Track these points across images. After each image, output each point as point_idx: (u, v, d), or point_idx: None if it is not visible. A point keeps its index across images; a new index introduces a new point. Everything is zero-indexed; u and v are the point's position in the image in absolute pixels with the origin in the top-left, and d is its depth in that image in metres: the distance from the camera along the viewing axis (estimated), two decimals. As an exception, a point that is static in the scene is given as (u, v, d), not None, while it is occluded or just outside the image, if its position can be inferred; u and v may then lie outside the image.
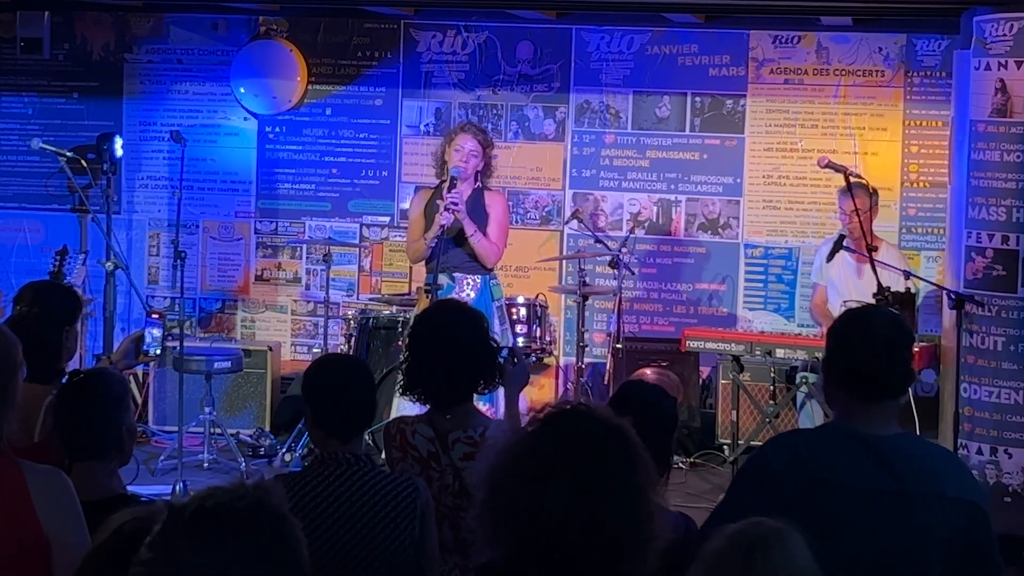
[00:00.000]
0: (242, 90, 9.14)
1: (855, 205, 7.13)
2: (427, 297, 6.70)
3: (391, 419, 4.13)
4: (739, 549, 2.15)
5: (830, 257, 7.40)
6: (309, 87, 9.19)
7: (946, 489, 3.09)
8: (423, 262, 7.01)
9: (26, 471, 3.06)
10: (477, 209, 6.94)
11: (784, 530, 2.21)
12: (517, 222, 8.97)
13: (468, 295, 6.87)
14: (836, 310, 7.66)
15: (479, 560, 2.41)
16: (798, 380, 7.51)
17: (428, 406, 3.93)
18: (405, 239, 7.78)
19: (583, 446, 2.30)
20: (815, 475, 3.08)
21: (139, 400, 8.59)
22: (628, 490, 2.29)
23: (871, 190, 7.56)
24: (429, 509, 3.69)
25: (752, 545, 2.15)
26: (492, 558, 2.36)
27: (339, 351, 8.58)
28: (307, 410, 3.73)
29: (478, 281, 6.96)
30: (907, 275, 7.41)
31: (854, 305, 7.32)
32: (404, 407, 6.07)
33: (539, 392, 8.71)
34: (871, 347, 3.14)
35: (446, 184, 6.92)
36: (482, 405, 4.82)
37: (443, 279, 6.87)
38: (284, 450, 7.97)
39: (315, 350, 8.71)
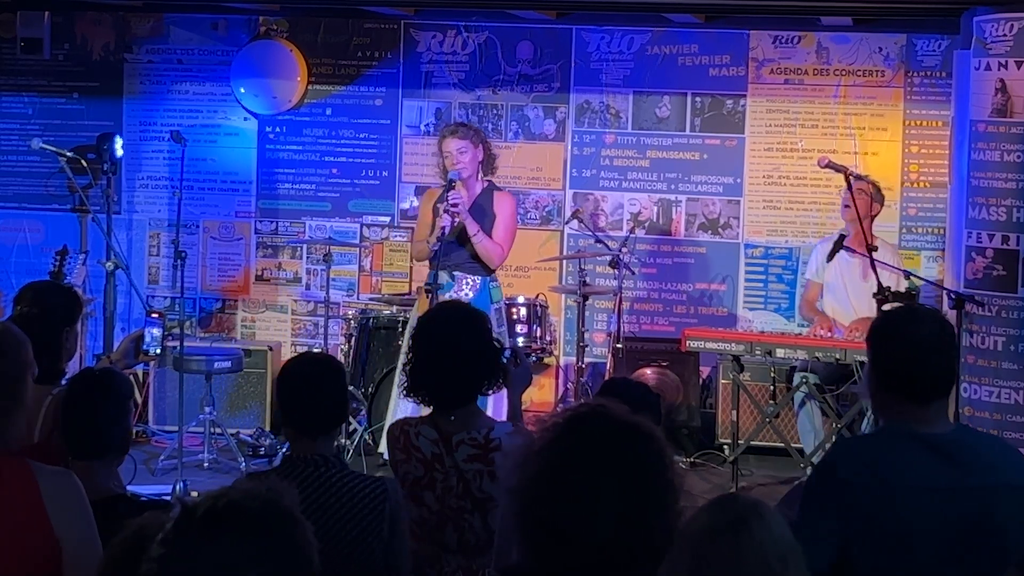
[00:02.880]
0: (242, 90, 9.14)
1: (862, 206, 7.15)
2: (427, 297, 6.70)
3: (394, 420, 4.12)
4: (724, 527, 2.16)
5: (830, 257, 7.40)
6: (309, 87, 9.19)
7: (1011, 478, 3.11)
8: (427, 261, 7.02)
9: (38, 473, 3.06)
10: (483, 208, 6.95)
11: (762, 504, 2.21)
12: (518, 222, 8.96)
13: (466, 295, 6.87)
14: (832, 310, 7.67)
15: (504, 563, 2.39)
16: (798, 380, 7.50)
17: (431, 407, 3.93)
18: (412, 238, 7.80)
19: (619, 450, 2.28)
20: (886, 480, 3.05)
21: (139, 400, 8.58)
22: (668, 489, 2.29)
23: (875, 188, 7.54)
24: (399, 509, 3.70)
25: (736, 520, 2.16)
26: (519, 562, 2.34)
27: (338, 351, 8.59)
28: (279, 408, 3.75)
29: (477, 282, 6.97)
30: (907, 275, 7.41)
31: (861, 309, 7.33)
32: (403, 408, 6.08)
33: (539, 392, 8.71)
34: (921, 347, 3.12)
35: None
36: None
37: (443, 277, 6.88)
38: (284, 450, 7.97)
39: (315, 350, 8.70)
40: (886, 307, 6.30)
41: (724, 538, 2.14)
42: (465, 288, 6.95)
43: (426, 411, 3.98)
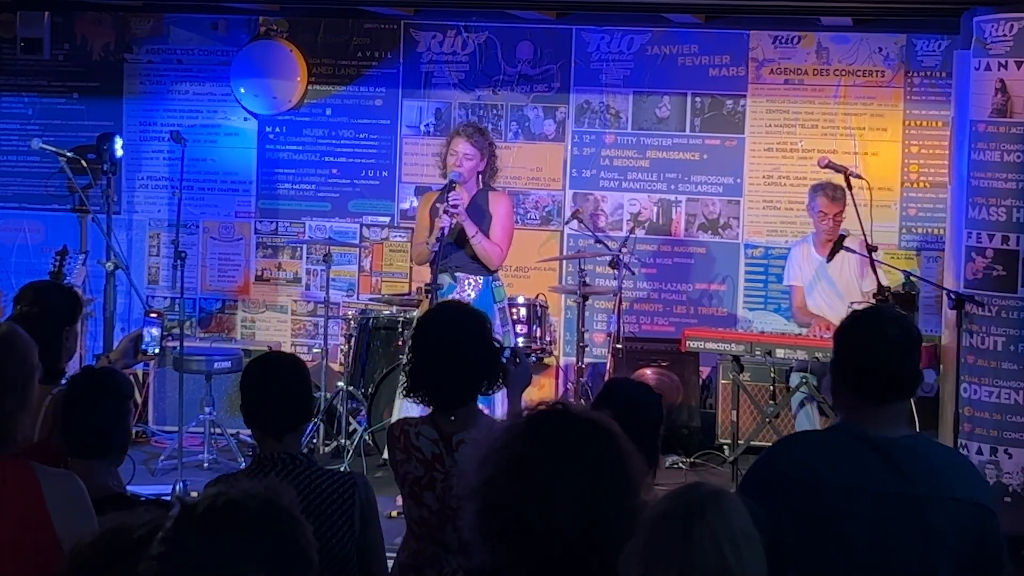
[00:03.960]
0: (242, 90, 9.14)
1: (854, 201, 7.17)
2: (427, 298, 6.70)
3: (395, 421, 4.12)
4: (678, 512, 2.18)
5: (830, 257, 7.41)
6: (309, 87, 9.19)
7: (956, 491, 3.07)
8: (428, 264, 7.02)
9: (40, 475, 3.06)
10: (479, 210, 6.95)
11: (722, 493, 2.23)
12: (517, 222, 8.95)
13: (469, 295, 6.87)
14: (819, 310, 7.67)
15: (472, 564, 2.41)
16: (798, 380, 7.48)
17: (431, 408, 3.93)
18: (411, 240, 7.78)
19: (579, 446, 2.31)
20: (825, 478, 3.05)
21: (139, 400, 8.58)
22: (627, 483, 2.31)
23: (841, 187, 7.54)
24: (371, 504, 3.71)
25: (691, 508, 2.18)
26: (484, 561, 2.36)
27: (338, 351, 8.59)
28: (242, 409, 3.76)
29: (480, 282, 6.97)
30: (907, 275, 7.42)
31: (859, 306, 7.35)
32: (407, 408, 6.08)
33: (539, 392, 8.70)
34: (880, 348, 3.11)
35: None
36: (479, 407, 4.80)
37: (445, 279, 6.88)
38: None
39: (315, 350, 8.71)
40: (855, 306, 6.31)
41: (676, 522, 2.17)
42: (468, 289, 6.95)
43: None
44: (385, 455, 6.85)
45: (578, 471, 2.29)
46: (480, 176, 7.02)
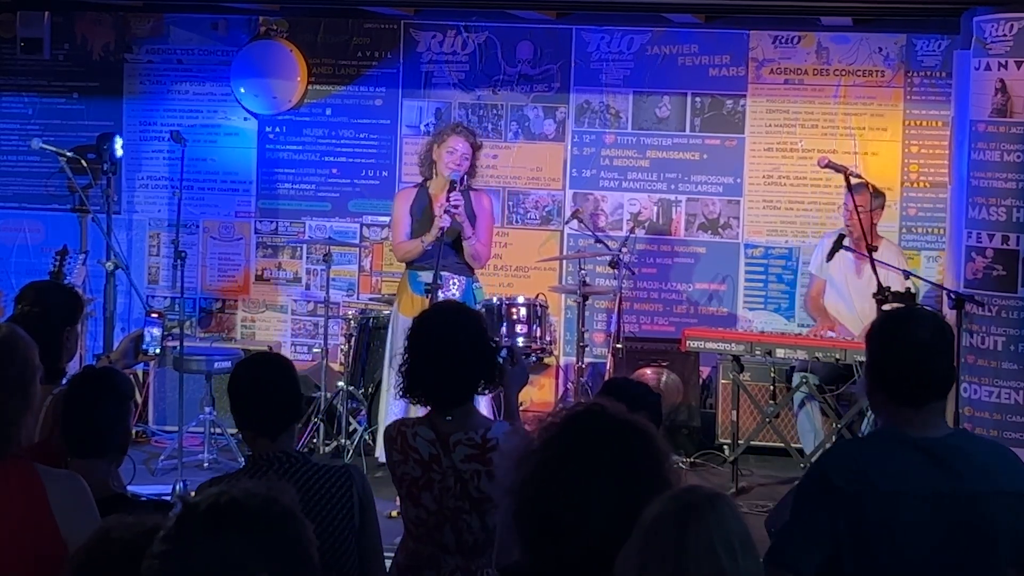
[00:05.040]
0: (242, 90, 9.14)
1: (855, 202, 7.15)
2: (427, 297, 6.71)
3: (391, 422, 4.12)
4: (674, 515, 2.19)
5: (830, 256, 7.40)
6: (309, 87, 9.19)
7: (1005, 484, 3.08)
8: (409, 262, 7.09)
9: (44, 477, 3.07)
10: (466, 209, 6.97)
11: (719, 496, 2.24)
12: (517, 222, 8.97)
13: (453, 295, 6.91)
14: (835, 308, 7.67)
15: (504, 561, 2.43)
16: (797, 380, 7.49)
17: (428, 408, 3.93)
18: (390, 239, 7.77)
19: (614, 448, 2.32)
20: (877, 486, 3.04)
21: (139, 400, 8.58)
22: (662, 486, 2.32)
23: (875, 191, 7.56)
24: (368, 495, 3.72)
25: (686, 511, 2.19)
26: (519, 560, 2.38)
27: (338, 351, 8.59)
28: (233, 412, 3.76)
29: (462, 282, 7.01)
30: (907, 275, 7.41)
31: (887, 307, 7.33)
32: (394, 410, 6.12)
33: (539, 392, 8.71)
34: (915, 350, 3.11)
35: (432, 183, 7.02)
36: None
37: (430, 277, 6.90)
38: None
39: (315, 350, 8.71)
40: (886, 307, 6.30)
41: (671, 524, 2.18)
42: (452, 287, 6.98)
43: (415, 411, 3.98)
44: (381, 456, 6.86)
45: (610, 471, 2.31)
46: (464, 176, 7.05)
